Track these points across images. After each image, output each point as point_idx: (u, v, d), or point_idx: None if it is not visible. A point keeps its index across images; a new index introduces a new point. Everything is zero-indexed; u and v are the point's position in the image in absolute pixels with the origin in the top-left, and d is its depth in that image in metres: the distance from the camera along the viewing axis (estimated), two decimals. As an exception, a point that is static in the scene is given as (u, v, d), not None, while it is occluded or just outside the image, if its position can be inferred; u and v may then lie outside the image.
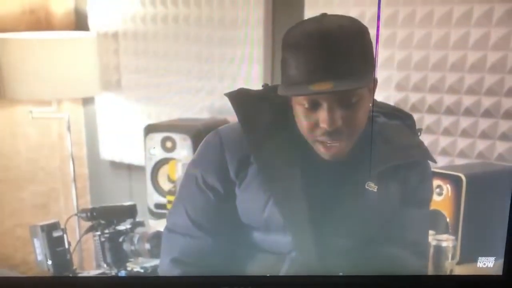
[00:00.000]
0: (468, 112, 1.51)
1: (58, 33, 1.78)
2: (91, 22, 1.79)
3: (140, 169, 1.77)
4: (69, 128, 1.78)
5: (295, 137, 1.25)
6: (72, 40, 1.75)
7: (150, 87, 1.77)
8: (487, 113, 1.49)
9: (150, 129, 1.70)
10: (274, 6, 1.60)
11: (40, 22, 1.75)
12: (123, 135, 1.83)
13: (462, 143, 1.54)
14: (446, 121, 1.54)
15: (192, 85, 1.72)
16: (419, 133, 1.33)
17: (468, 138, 1.53)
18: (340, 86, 1.16)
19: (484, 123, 1.50)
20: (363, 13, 1.46)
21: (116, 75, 1.82)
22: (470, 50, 1.47)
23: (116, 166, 1.87)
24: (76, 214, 1.56)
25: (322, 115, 1.19)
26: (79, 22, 1.81)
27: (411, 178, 1.31)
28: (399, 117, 1.34)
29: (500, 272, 1.44)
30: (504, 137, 1.49)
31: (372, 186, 1.30)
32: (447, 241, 1.47)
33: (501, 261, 1.44)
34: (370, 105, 1.26)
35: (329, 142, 1.21)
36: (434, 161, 1.34)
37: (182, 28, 1.70)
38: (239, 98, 1.30)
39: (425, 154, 1.33)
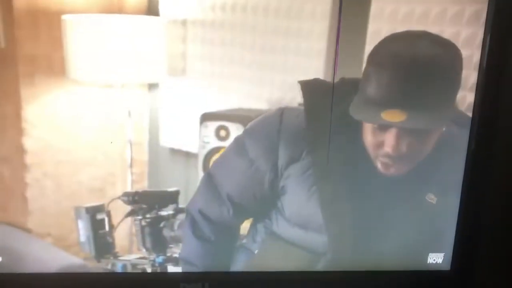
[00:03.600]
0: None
1: (128, 17, 1.78)
2: (162, 8, 1.79)
3: (196, 157, 1.76)
4: (130, 113, 1.78)
5: (355, 142, 1.20)
6: (141, 24, 1.75)
7: (214, 76, 1.74)
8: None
9: (205, 118, 1.69)
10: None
11: (113, 5, 1.76)
12: (183, 123, 1.82)
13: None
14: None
15: (254, 75, 1.68)
16: None
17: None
18: (411, 122, 1.12)
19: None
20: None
21: (182, 62, 1.80)
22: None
23: (175, 153, 1.86)
24: (118, 198, 1.57)
25: (389, 139, 1.15)
26: (151, 7, 1.80)
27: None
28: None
29: (448, 267, 1.42)
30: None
31: (432, 198, 1.27)
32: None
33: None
34: (444, 129, 1.21)
35: (390, 163, 1.18)
36: None
37: (249, 17, 1.66)
38: (311, 87, 1.27)
39: None
